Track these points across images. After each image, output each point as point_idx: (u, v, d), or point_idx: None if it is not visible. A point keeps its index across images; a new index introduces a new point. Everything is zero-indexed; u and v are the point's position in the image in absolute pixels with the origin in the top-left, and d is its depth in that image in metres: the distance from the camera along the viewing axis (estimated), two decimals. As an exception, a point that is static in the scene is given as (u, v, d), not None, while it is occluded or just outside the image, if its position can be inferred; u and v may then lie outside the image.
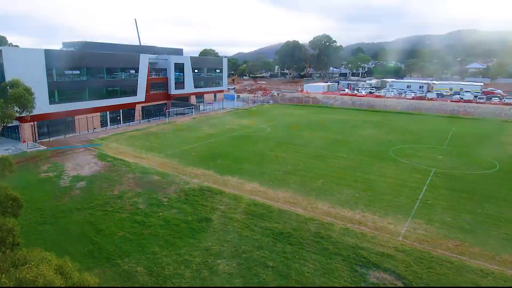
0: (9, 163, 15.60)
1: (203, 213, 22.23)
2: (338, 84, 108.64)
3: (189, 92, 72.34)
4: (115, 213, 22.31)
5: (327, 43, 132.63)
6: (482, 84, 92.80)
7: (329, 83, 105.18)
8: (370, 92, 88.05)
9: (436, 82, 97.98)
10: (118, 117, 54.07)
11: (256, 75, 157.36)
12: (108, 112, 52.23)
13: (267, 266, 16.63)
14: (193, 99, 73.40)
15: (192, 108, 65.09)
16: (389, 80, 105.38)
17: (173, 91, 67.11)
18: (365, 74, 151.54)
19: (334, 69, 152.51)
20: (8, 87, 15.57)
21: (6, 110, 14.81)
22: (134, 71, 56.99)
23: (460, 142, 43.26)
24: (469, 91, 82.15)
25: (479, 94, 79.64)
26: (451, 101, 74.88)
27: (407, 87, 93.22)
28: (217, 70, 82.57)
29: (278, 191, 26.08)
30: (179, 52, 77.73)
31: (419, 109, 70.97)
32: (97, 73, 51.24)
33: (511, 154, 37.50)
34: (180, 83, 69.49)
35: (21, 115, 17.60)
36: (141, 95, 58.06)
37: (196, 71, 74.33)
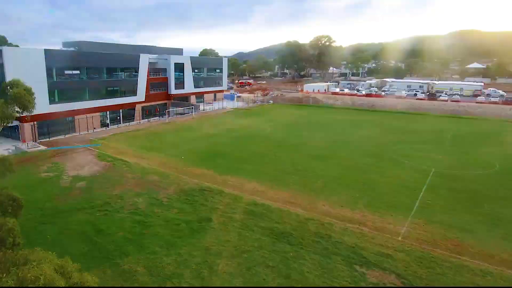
0: (9, 163, 15.65)
1: (203, 213, 22.27)
2: (338, 84, 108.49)
3: (189, 92, 72.37)
4: (115, 213, 22.35)
5: (327, 43, 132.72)
6: (482, 84, 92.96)
7: (329, 83, 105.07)
8: (370, 92, 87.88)
9: (436, 82, 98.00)
10: (118, 117, 54.12)
11: (256, 75, 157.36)
12: (108, 112, 52.28)
13: (267, 266, 16.66)
14: (193, 99, 73.40)
15: (192, 108, 65.12)
16: (389, 80, 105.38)
17: (173, 91, 67.11)
18: (365, 74, 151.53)
19: (334, 69, 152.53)
20: (8, 87, 15.57)
21: (7, 110, 14.82)
22: (134, 71, 57.05)
23: (460, 142, 43.28)
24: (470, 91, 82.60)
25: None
26: (452, 101, 75.00)
27: (407, 87, 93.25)
28: (217, 70, 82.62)
29: (278, 191, 26.12)
30: (179, 52, 77.76)
31: (419, 109, 70.98)
32: (97, 73, 51.28)
33: (511, 154, 37.55)
34: (180, 83, 69.50)
35: (22, 115, 17.60)
36: (141, 95, 58.10)
37: (196, 71, 74.39)
